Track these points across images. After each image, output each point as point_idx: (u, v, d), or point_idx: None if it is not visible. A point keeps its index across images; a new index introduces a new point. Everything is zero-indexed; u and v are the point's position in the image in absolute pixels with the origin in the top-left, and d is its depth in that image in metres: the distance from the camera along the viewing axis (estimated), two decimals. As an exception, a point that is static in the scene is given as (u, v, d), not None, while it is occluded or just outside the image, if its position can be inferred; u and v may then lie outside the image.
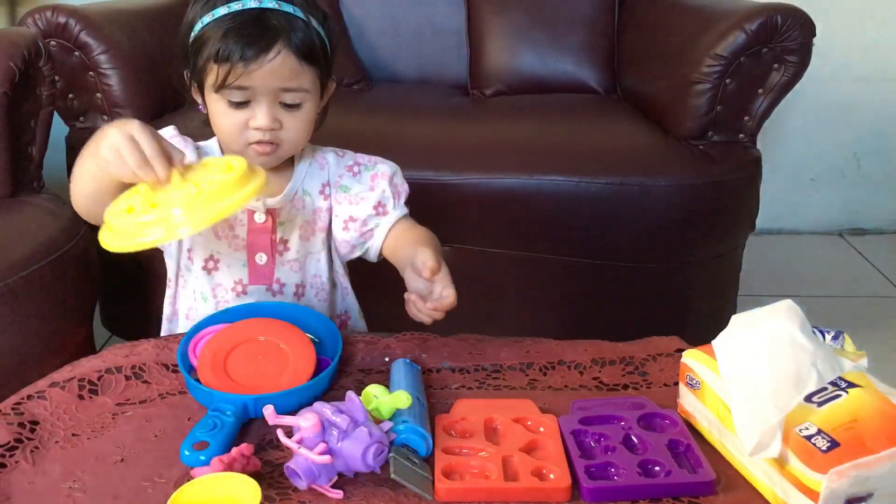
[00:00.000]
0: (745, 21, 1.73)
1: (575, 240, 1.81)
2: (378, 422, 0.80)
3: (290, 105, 1.02)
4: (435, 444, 0.80)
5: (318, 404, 0.79)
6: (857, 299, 2.40)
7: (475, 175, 1.77)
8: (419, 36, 2.41)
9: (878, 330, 2.15)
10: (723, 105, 1.80)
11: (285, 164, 1.10)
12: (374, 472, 0.77)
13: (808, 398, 0.73)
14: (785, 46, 1.74)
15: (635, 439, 0.82)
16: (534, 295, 1.88)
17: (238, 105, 1.00)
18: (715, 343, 0.82)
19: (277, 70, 0.98)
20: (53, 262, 1.47)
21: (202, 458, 0.76)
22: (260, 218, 1.09)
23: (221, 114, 1.02)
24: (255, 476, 0.74)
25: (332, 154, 1.15)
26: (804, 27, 1.73)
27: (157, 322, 1.18)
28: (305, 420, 0.76)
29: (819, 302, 2.30)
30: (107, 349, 0.98)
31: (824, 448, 0.69)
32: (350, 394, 0.79)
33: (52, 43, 1.75)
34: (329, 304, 1.17)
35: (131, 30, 1.90)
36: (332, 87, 1.09)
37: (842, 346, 0.81)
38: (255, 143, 1.02)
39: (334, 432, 0.76)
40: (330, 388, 0.92)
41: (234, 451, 0.76)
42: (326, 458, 0.74)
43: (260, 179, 0.90)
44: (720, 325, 0.82)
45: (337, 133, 1.16)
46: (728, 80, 1.77)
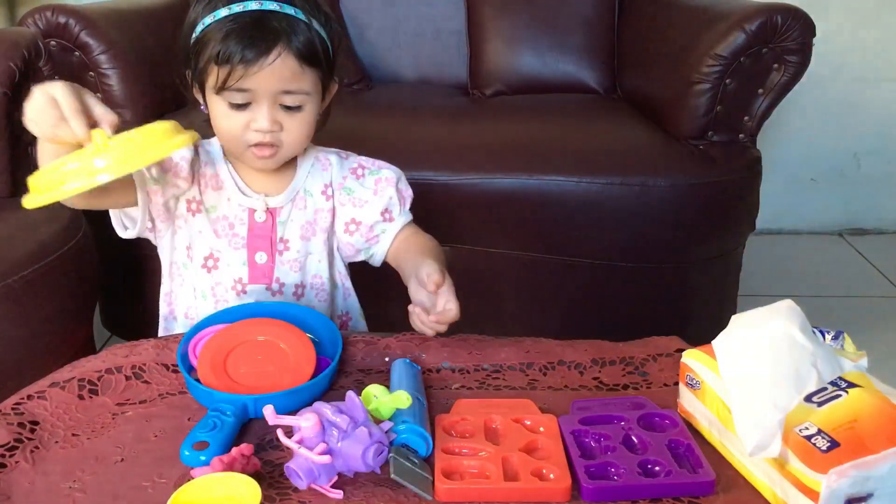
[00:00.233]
0: (745, 21, 1.73)
1: (575, 240, 1.81)
2: (378, 422, 0.80)
3: (291, 107, 1.01)
4: (435, 444, 0.80)
5: (318, 404, 0.79)
6: (857, 299, 2.40)
7: (475, 175, 1.77)
8: (419, 36, 2.42)
9: (878, 330, 2.15)
10: (723, 105, 1.80)
11: (287, 164, 1.10)
12: (374, 472, 0.77)
13: (808, 398, 0.73)
14: (785, 46, 1.74)
15: (635, 439, 0.82)
16: (534, 295, 1.88)
17: (238, 107, 1.00)
18: (715, 343, 0.81)
19: (278, 72, 0.98)
20: (53, 262, 1.47)
21: (202, 458, 0.76)
22: (260, 217, 1.09)
23: (222, 115, 1.02)
24: (255, 476, 0.73)
25: (334, 155, 1.15)
26: (804, 27, 1.73)
27: (156, 322, 1.18)
28: (305, 420, 0.76)
29: (819, 302, 2.30)
30: (107, 349, 0.98)
31: (824, 448, 0.69)
32: (350, 394, 0.79)
33: (52, 43, 1.76)
34: (330, 304, 1.17)
35: (131, 30, 1.90)
36: (335, 89, 1.09)
37: (842, 346, 0.81)
38: (255, 146, 1.03)
39: (334, 432, 0.76)
40: (330, 388, 0.92)
41: (234, 451, 0.76)
42: (326, 458, 0.74)
43: (189, 134, 0.88)
44: (720, 325, 0.82)
45: (337, 133, 1.16)
46: (728, 80, 1.77)
